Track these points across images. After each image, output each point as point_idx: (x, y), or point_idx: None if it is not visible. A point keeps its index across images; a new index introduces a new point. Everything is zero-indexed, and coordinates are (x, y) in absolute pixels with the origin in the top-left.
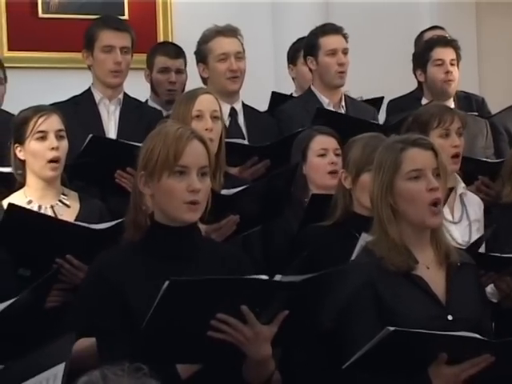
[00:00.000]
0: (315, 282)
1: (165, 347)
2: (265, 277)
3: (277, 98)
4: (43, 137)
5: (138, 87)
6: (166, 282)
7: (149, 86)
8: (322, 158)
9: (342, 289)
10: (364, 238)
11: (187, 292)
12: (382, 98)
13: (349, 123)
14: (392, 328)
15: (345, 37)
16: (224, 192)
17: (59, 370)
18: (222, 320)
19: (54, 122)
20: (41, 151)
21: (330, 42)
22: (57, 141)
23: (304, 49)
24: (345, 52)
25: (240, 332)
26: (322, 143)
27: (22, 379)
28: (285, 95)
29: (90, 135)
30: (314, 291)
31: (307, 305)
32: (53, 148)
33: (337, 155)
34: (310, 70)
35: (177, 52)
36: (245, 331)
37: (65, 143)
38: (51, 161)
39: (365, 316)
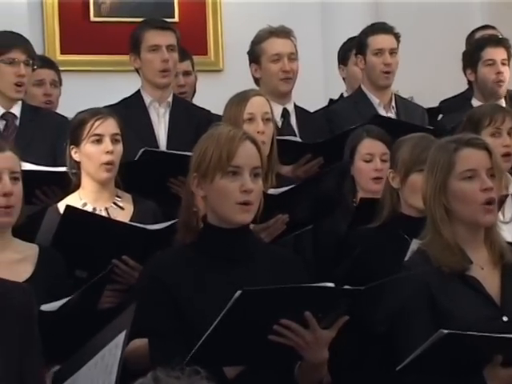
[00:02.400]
0: (379, 289)
1: (223, 350)
2: (331, 284)
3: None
4: (99, 140)
5: None
6: (238, 292)
7: None
8: (367, 163)
9: (396, 294)
10: (415, 244)
11: (257, 301)
12: (439, 108)
13: (403, 129)
14: (446, 331)
15: (396, 37)
16: (271, 191)
17: (120, 338)
18: (286, 325)
19: (110, 126)
20: (96, 154)
21: (377, 41)
22: (112, 144)
23: (355, 47)
24: (392, 52)
25: (301, 337)
26: (369, 148)
27: (89, 358)
28: None
29: (143, 149)
30: (376, 298)
31: (364, 310)
32: (108, 152)
33: (383, 161)
34: (360, 69)
35: (183, 54)
36: (306, 336)
37: (119, 147)
38: (105, 163)
39: (418, 318)
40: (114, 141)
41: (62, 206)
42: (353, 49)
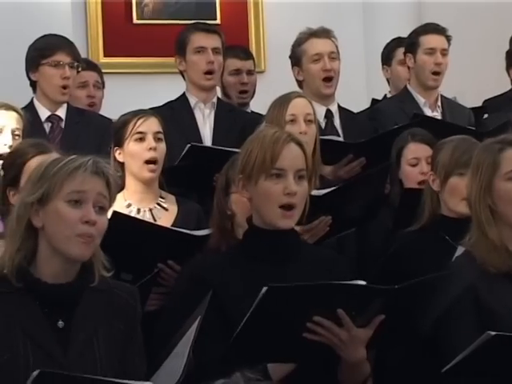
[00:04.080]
0: (414, 288)
1: (258, 347)
2: (363, 282)
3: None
4: (142, 138)
5: None
6: (264, 289)
7: None
8: (413, 167)
9: (442, 296)
10: (461, 250)
11: (285, 297)
12: (482, 107)
13: (445, 128)
14: (493, 333)
15: (447, 38)
16: (315, 193)
17: (195, 325)
18: (318, 323)
19: (152, 124)
20: (139, 152)
21: (429, 40)
22: (155, 142)
23: (405, 45)
24: (443, 53)
25: (336, 335)
26: (414, 152)
27: (173, 347)
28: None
29: (189, 144)
30: (413, 297)
31: (405, 311)
32: (151, 148)
33: (429, 164)
34: (408, 67)
35: (246, 53)
36: (340, 334)
37: (163, 145)
38: (149, 162)
39: (465, 320)
40: (156, 139)
41: None
42: (397, 49)
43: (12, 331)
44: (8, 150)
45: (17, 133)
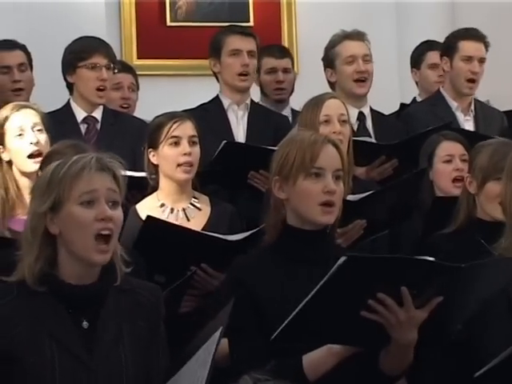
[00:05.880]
0: (479, 269)
1: (313, 324)
2: (431, 258)
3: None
4: (176, 142)
5: None
6: (343, 258)
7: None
8: (447, 164)
9: (489, 284)
10: None
11: (359, 269)
12: None
13: (476, 139)
14: None
15: (486, 45)
16: (350, 198)
17: (216, 334)
18: (381, 300)
19: (187, 128)
20: (173, 156)
21: (468, 47)
22: (189, 146)
23: (442, 48)
24: (481, 61)
25: (394, 314)
26: (448, 149)
27: (191, 355)
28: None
29: (224, 141)
30: (475, 279)
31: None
32: (185, 153)
33: (463, 161)
34: (443, 70)
35: (282, 52)
36: (399, 314)
37: (197, 149)
38: (183, 164)
39: (499, 324)
40: (191, 143)
41: (140, 208)
42: (426, 52)
43: (38, 334)
44: (36, 148)
45: (38, 128)
